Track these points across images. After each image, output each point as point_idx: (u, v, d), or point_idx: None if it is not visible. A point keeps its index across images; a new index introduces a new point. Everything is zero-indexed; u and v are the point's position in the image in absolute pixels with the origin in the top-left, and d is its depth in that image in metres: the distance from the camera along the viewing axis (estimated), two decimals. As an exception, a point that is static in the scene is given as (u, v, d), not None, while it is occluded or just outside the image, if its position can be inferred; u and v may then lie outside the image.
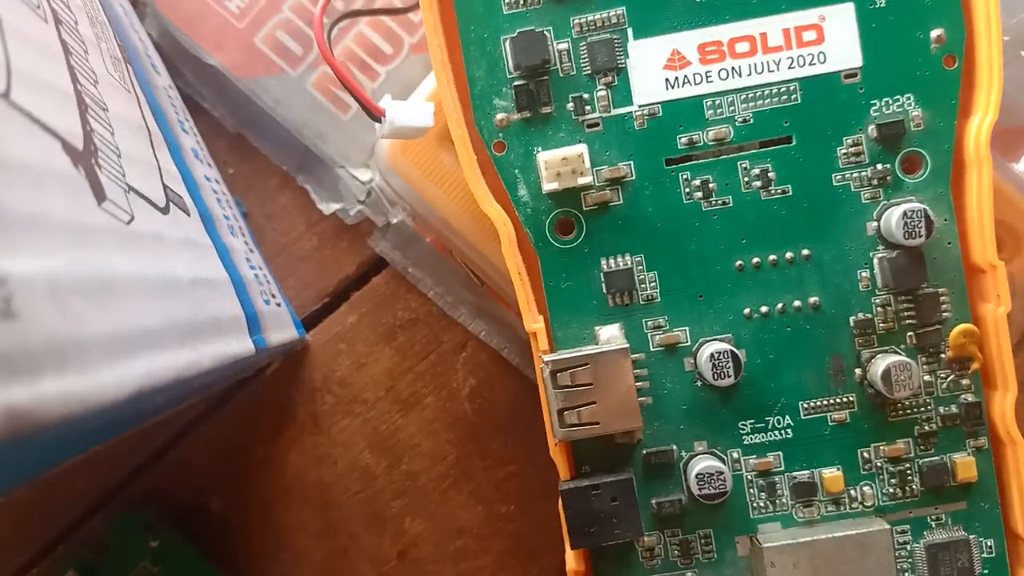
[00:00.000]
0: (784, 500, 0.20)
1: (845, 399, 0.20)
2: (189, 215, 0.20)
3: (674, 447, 0.20)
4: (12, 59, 0.13)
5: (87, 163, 0.14)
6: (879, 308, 0.20)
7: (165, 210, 0.18)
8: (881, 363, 0.19)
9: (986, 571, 0.20)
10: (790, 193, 0.20)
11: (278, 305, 0.25)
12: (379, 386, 0.27)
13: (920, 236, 0.19)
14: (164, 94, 0.24)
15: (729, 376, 0.19)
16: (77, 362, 0.11)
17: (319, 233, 0.28)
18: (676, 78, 0.20)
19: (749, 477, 0.20)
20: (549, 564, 0.27)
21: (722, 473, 0.19)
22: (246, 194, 0.28)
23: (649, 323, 0.20)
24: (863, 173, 0.20)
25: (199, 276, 0.18)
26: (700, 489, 0.20)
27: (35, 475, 0.12)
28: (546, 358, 0.19)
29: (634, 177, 0.20)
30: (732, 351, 0.19)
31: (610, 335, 0.20)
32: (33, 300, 0.10)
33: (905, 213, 0.19)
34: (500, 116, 0.20)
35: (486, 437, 0.20)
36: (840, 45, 0.19)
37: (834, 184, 0.20)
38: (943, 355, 0.20)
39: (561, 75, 0.20)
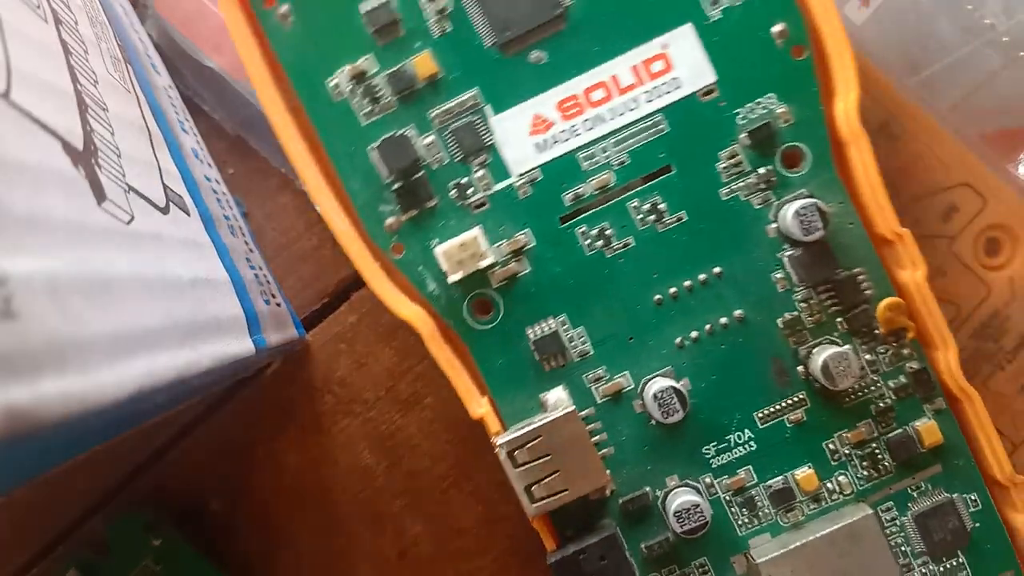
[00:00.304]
0: (766, 510, 0.20)
1: (796, 398, 0.20)
2: (189, 215, 0.20)
3: (647, 489, 0.20)
4: (12, 59, 0.13)
5: (87, 163, 0.14)
6: (802, 304, 0.20)
7: (165, 210, 0.18)
8: (818, 358, 0.19)
9: (977, 524, 0.20)
10: (685, 219, 0.20)
11: (278, 305, 0.25)
12: (379, 386, 0.27)
13: (818, 230, 0.19)
14: (164, 94, 0.24)
15: (678, 411, 0.19)
16: (77, 362, 0.11)
17: (319, 233, 0.28)
18: (545, 140, 0.20)
19: (727, 498, 0.20)
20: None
21: (698, 505, 0.19)
22: (246, 194, 0.28)
23: (589, 377, 0.20)
24: (748, 181, 0.20)
25: (199, 276, 0.18)
26: (681, 527, 0.20)
27: (35, 475, 0.12)
28: (499, 441, 0.19)
29: (534, 243, 0.20)
30: (673, 387, 0.19)
31: (556, 399, 0.20)
32: (33, 300, 0.10)
33: (797, 212, 0.19)
34: (389, 221, 0.20)
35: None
36: (690, 66, 0.20)
37: (724, 198, 0.20)
38: (877, 332, 0.20)
39: (435, 167, 0.20)
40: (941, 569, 0.20)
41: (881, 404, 0.20)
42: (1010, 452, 0.22)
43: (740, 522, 0.20)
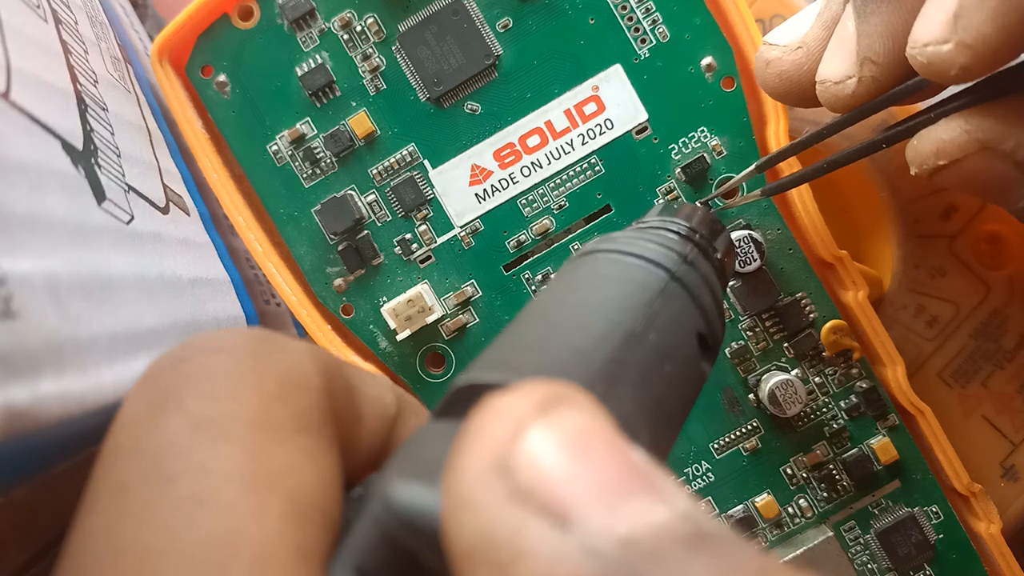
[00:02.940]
0: (730, 539, 0.20)
1: (749, 426, 0.20)
2: (189, 215, 0.20)
3: (613, 524, 0.21)
4: (12, 59, 0.13)
5: (87, 163, 0.14)
6: (748, 332, 0.20)
7: (165, 210, 0.18)
8: (765, 386, 0.20)
9: (941, 535, 0.20)
10: (627, 257, 0.20)
11: (278, 305, 0.25)
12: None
13: (755, 261, 0.19)
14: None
15: (633, 448, 0.20)
16: (76, 362, 0.11)
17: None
18: (484, 190, 0.20)
19: (690, 530, 0.20)
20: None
21: (659, 541, 0.20)
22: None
23: (547, 418, 0.20)
24: (686, 215, 0.20)
25: (199, 276, 0.18)
26: (646, 562, 0.20)
27: (35, 475, 0.13)
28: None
29: (480, 293, 0.20)
30: (626, 424, 0.20)
31: (514, 444, 0.20)
32: (32, 300, 0.10)
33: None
34: (337, 282, 0.20)
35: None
36: (621, 106, 0.20)
37: (664, 234, 0.20)
38: (824, 354, 0.20)
39: (379, 225, 0.20)
40: (908, 583, 0.20)
41: (834, 425, 0.20)
42: (1009, 452, 0.22)
43: (705, 552, 0.20)
